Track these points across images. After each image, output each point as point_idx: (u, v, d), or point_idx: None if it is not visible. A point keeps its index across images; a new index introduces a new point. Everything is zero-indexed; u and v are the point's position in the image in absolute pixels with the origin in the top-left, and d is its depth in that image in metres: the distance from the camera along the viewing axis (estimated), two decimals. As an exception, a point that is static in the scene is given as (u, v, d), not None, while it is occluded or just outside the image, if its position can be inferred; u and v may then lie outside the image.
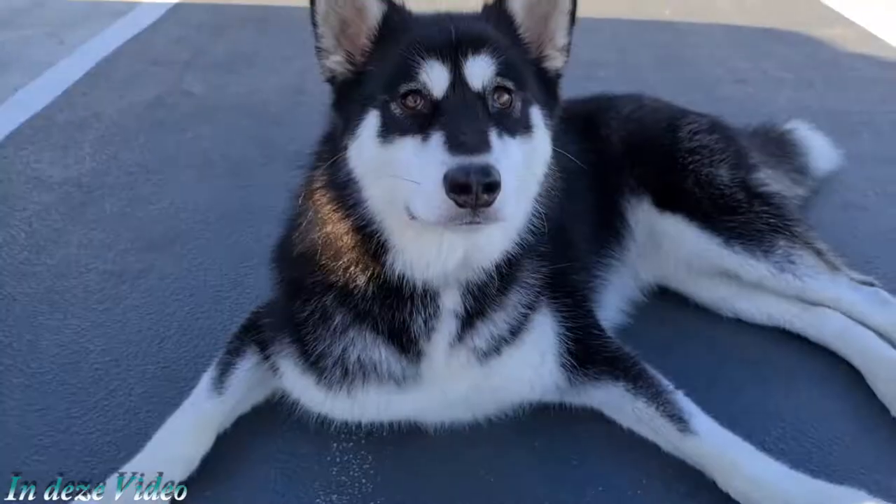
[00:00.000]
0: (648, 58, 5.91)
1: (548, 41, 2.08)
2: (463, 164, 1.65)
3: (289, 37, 6.23)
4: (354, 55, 1.99)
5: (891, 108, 4.98)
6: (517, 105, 1.91)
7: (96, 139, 4.46)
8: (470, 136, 1.71)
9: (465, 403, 2.31)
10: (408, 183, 1.77)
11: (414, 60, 1.83)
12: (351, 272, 2.06)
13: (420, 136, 1.79)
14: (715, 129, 3.03)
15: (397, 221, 1.93)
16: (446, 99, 1.82)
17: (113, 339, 2.86)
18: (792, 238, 2.78)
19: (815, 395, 2.60)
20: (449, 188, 1.65)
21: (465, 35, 1.88)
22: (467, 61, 1.84)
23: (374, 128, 1.85)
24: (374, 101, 1.86)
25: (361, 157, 1.89)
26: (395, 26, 1.96)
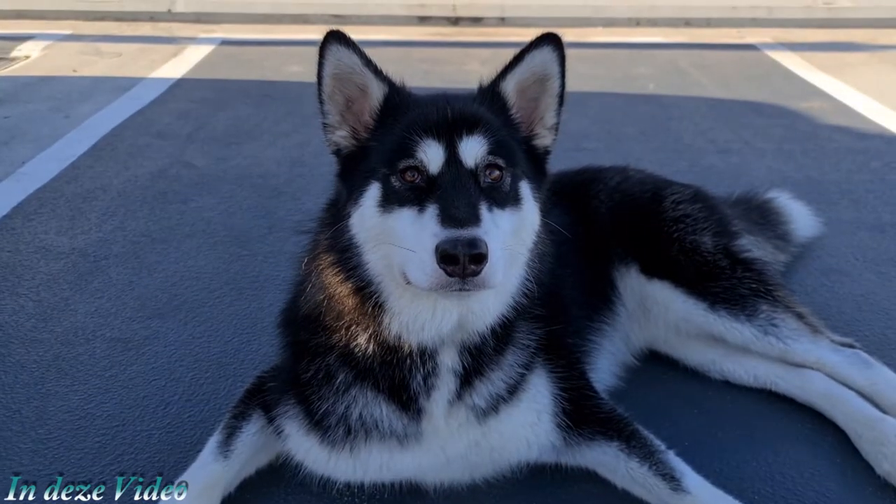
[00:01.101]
0: (634, 130, 6.13)
1: (538, 120, 2.23)
2: (451, 237, 1.80)
3: (288, 111, 6.46)
4: (358, 130, 2.14)
5: (867, 177, 5.17)
6: (507, 180, 2.06)
7: (102, 210, 4.59)
8: (461, 210, 1.86)
9: (464, 462, 2.37)
10: (404, 250, 1.92)
11: (412, 139, 1.99)
12: (352, 332, 2.17)
13: (417, 208, 1.94)
14: (698, 198, 3.18)
15: (394, 285, 2.06)
16: (441, 175, 1.97)
17: (119, 405, 2.93)
18: (774, 302, 2.90)
19: (803, 454, 2.69)
20: (439, 259, 1.80)
21: (459, 116, 2.04)
22: (461, 141, 2.00)
23: (375, 198, 2.00)
24: (376, 174, 2.01)
25: (363, 224, 2.03)
26: (395, 105, 2.12)
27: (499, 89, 2.18)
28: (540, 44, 2.13)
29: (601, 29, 9.81)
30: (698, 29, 9.85)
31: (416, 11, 10.11)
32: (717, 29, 9.78)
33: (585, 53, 8.48)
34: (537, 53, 2.14)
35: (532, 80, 2.17)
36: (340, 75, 2.08)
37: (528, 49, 2.14)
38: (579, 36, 9.36)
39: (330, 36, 2.05)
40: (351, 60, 2.06)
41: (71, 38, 8.93)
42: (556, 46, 2.14)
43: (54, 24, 9.42)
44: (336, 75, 2.09)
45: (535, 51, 2.13)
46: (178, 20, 9.84)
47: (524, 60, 2.14)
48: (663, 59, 8.36)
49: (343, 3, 10.22)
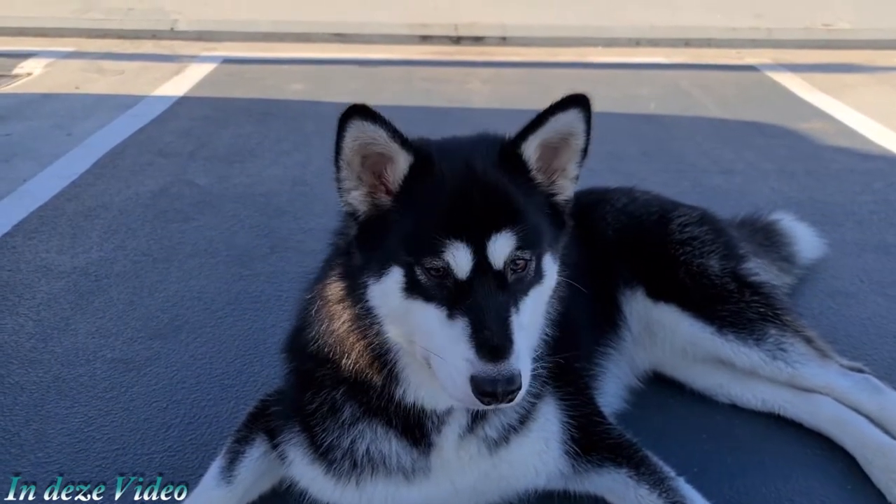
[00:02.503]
0: (636, 150, 6.13)
1: (559, 173, 2.13)
2: (490, 376, 1.77)
3: (290, 129, 6.47)
4: (378, 195, 2.00)
5: (871, 198, 5.17)
6: (531, 265, 1.98)
7: (103, 229, 4.57)
8: (495, 336, 1.80)
9: (472, 493, 2.34)
10: (432, 353, 1.88)
11: (440, 238, 1.86)
12: (365, 376, 2.11)
13: (445, 311, 1.87)
14: (705, 221, 3.16)
15: (413, 361, 2.03)
16: (471, 281, 1.87)
17: (119, 428, 2.90)
18: (782, 326, 2.88)
19: (813, 480, 2.66)
20: (475, 390, 1.78)
21: (488, 211, 1.92)
22: (490, 241, 1.88)
23: (398, 283, 1.91)
24: (399, 260, 1.91)
25: (385, 302, 1.96)
26: (420, 175, 1.97)
27: (520, 150, 2.04)
28: (566, 106, 2.00)
29: (602, 49, 9.84)
30: (699, 49, 9.88)
31: (418, 30, 10.16)
32: (718, 49, 9.82)
33: (586, 74, 8.53)
34: (562, 116, 2.01)
35: (556, 139, 2.06)
36: (362, 146, 1.93)
37: (554, 111, 2.00)
38: (580, 56, 9.42)
39: (353, 111, 1.87)
40: (376, 133, 1.90)
41: (73, 55, 8.95)
42: (583, 108, 2.02)
43: (57, 42, 9.44)
44: (357, 147, 1.94)
45: (561, 113, 2.01)
46: (180, 38, 9.86)
47: (549, 122, 2.01)
48: (664, 80, 8.39)
49: (345, 21, 10.27)
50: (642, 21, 10.54)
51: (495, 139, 2.13)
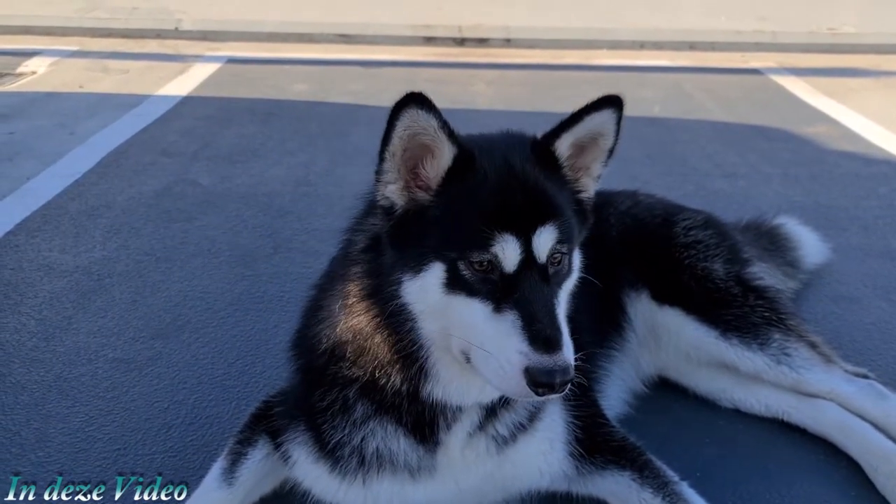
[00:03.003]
0: (639, 153, 6.11)
1: (584, 171, 2.15)
2: (547, 367, 1.78)
3: (294, 130, 6.47)
4: (417, 190, 1.99)
5: (875, 202, 5.16)
6: (566, 260, 2.01)
7: (106, 228, 4.57)
8: (547, 328, 1.83)
9: (476, 493, 2.33)
10: (475, 347, 1.88)
11: (488, 231, 1.87)
12: (381, 373, 2.10)
13: (491, 305, 1.87)
14: (709, 224, 3.15)
15: (448, 358, 2.02)
16: (518, 275, 1.88)
17: (121, 428, 2.89)
18: (787, 331, 2.86)
19: (816, 486, 2.65)
20: (530, 382, 1.79)
21: (532, 205, 1.94)
22: (535, 236, 1.90)
23: (439, 279, 1.91)
24: (441, 255, 1.90)
25: (423, 299, 1.95)
26: (462, 170, 1.96)
27: (554, 147, 2.07)
28: (601, 106, 2.02)
29: (606, 51, 9.83)
30: (703, 53, 9.87)
31: (422, 32, 10.16)
32: (722, 53, 9.80)
33: (590, 76, 8.52)
34: (597, 116, 2.03)
35: (587, 138, 2.08)
36: (411, 136, 1.93)
37: (589, 110, 2.02)
38: (584, 58, 9.41)
39: (410, 98, 1.86)
40: (427, 123, 1.90)
41: (77, 54, 8.95)
42: (616, 109, 2.04)
43: (61, 41, 9.45)
44: (407, 137, 1.93)
45: (596, 113, 2.02)
46: (184, 38, 9.87)
47: (583, 121, 2.03)
48: (668, 83, 8.38)
49: (349, 22, 10.28)
50: (646, 24, 10.54)
51: (522, 136, 2.15)
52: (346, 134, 6.31)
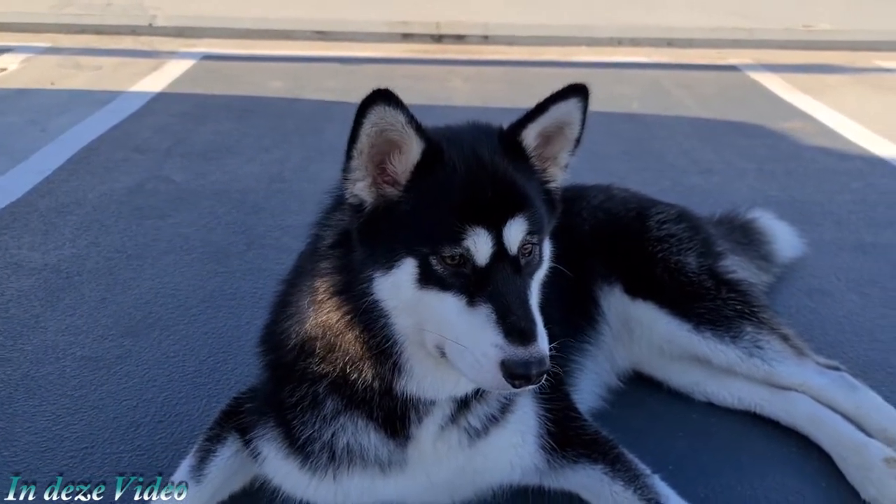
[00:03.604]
0: (617, 149, 6.12)
1: (551, 161, 2.15)
2: (523, 360, 1.78)
3: (270, 127, 6.41)
4: (385, 186, 1.97)
5: (849, 197, 5.19)
6: (537, 251, 2.01)
7: (76, 225, 4.50)
8: (521, 320, 1.82)
9: (447, 487, 2.32)
10: (450, 341, 1.87)
11: (459, 225, 1.86)
12: (352, 368, 2.07)
13: (464, 299, 1.86)
14: (682, 218, 3.15)
15: (422, 353, 2.00)
16: (490, 268, 1.88)
17: (88, 427, 2.84)
18: (759, 324, 2.87)
19: (788, 478, 2.65)
20: (507, 375, 1.79)
21: (501, 197, 1.93)
22: (506, 229, 1.90)
23: (411, 274, 1.89)
24: (413, 251, 1.89)
25: (396, 295, 1.93)
26: (430, 164, 1.95)
27: (521, 138, 2.06)
28: (567, 95, 2.02)
29: (584, 48, 9.85)
30: (681, 49, 9.91)
31: (399, 28, 10.12)
32: (699, 50, 9.85)
33: (568, 73, 8.48)
34: (563, 105, 2.03)
35: (553, 127, 2.08)
36: (378, 132, 1.91)
37: (554, 99, 2.02)
38: (562, 55, 9.42)
39: (377, 95, 1.84)
40: (394, 119, 1.88)
41: (50, 51, 8.84)
42: (582, 98, 2.04)
43: (33, 37, 9.34)
44: (374, 133, 1.91)
45: (561, 102, 2.02)
46: (159, 34, 9.77)
47: (549, 110, 2.02)
48: (646, 79, 8.41)
49: (326, 19, 10.22)
50: (625, 21, 10.58)
51: (489, 127, 2.14)
52: (322, 131, 6.27)
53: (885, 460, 2.50)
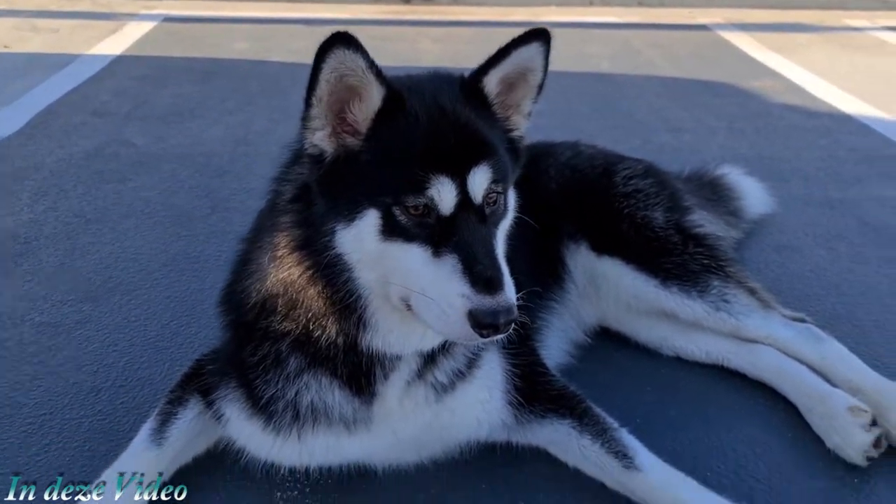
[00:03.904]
0: (587, 108, 6.09)
1: (514, 109, 2.11)
2: (490, 309, 1.75)
3: (233, 89, 6.28)
4: (345, 136, 1.92)
5: (817, 154, 5.21)
6: (501, 200, 1.98)
7: (34, 190, 4.38)
8: (487, 269, 1.79)
9: (414, 444, 2.30)
10: (416, 293, 1.83)
11: (423, 174, 1.82)
12: (315, 325, 2.03)
13: (429, 249, 1.83)
14: (649, 173, 3.13)
15: (387, 307, 1.96)
16: (455, 217, 1.85)
17: (47, 392, 2.78)
18: (726, 278, 2.86)
19: (755, 429, 2.66)
20: (475, 325, 1.76)
21: (465, 145, 1.89)
22: (470, 177, 1.86)
23: (374, 226, 1.85)
24: (375, 202, 1.85)
25: (359, 248, 1.89)
26: (392, 112, 1.90)
27: (482, 84, 2.02)
28: (528, 40, 1.98)
29: (555, 8, 9.76)
30: (651, 9, 9.88)
31: (368, -11, 9.91)
32: (670, 9, 9.81)
33: (539, 32, 8.41)
34: (524, 50, 1.99)
35: (515, 74, 2.04)
36: (338, 78, 1.84)
37: (516, 44, 1.98)
38: (533, 15, 9.31)
39: (336, 38, 1.78)
40: (354, 63, 1.81)
41: (4, 13, 8.55)
42: (544, 42, 2.00)
43: (-13, 0, 9.04)
44: (334, 80, 1.84)
45: (523, 47, 1.98)
46: (118, -5, 9.49)
47: (511, 56, 1.98)
48: (617, 39, 8.35)
49: (292, -20, 9.97)
50: (595, -19, 10.46)
51: (450, 76, 2.10)
52: (287, 93, 6.13)
53: (849, 409, 2.51)
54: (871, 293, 3.50)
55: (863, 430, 2.46)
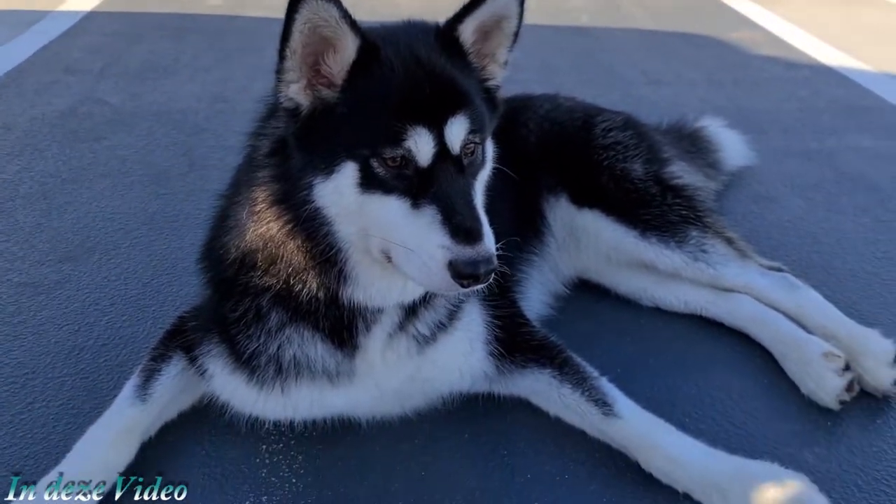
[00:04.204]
0: (566, 62, 6.06)
1: (490, 58, 2.10)
2: (470, 259, 1.77)
3: (208, 45, 6.19)
4: (321, 88, 1.90)
5: (796, 105, 5.24)
6: (479, 151, 1.98)
7: (7, 150, 4.31)
8: (467, 220, 1.81)
9: (397, 396, 2.34)
10: (396, 245, 1.84)
11: (399, 125, 1.82)
12: (296, 279, 2.04)
13: (408, 201, 1.84)
14: (628, 125, 3.13)
15: (367, 260, 1.97)
16: (433, 168, 1.85)
17: (29, 352, 2.78)
18: (704, 228, 2.89)
19: (731, 376, 2.72)
20: (455, 275, 1.78)
21: (441, 95, 1.88)
22: (447, 127, 1.86)
23: (352, 178, 1.85)
24: (353, 154, 1.84)
25: (338, 201, 1.89)
26: (367, 63, 1.89)
27: (457, 33, 2.01)
28: None
29: (534, -40, 9.59)
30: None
31: (344, -58, 9.71)
32: (650, -39, 9.68)
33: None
34: None
35: (490, 22, 2.03)
36: (312, 29, 1.82)
37: None
38: (512, -33, 9.16)
39: None
40: (328, 14, 1.79)
41: (-30, -32, 8.30)
42: None
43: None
44: (307, 31, 1.82)
45: None
46: (88, -50, 9.22)
47: (486, 3, 1.96)
48: (596, -8, 8.26)
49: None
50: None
51: (425, 24, 2.08)
52: (263, 49, 5.95)
53: (823, 355, 2.57)
54: (846, 241, 3.55)
55: (836, 375, 2.52)
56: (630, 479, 2.26)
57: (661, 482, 2.22)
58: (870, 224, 3.72)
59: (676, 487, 2.20)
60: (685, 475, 2.18)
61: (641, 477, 2.25)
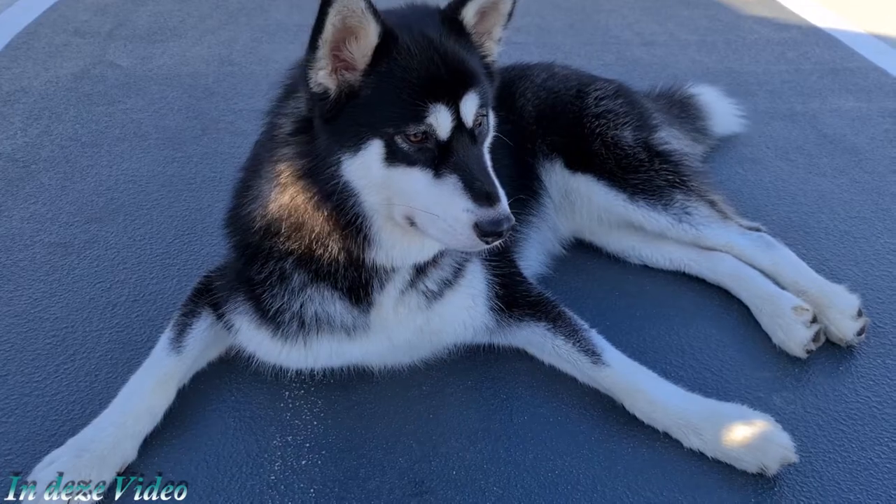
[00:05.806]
0: (563, 23, 6.18)
1: (487, 36, 2.33)
2: (494, 218, 2.01)
3: (214, 5, 6.29)
4: (346, 73, 2.08)
5: (784, 67, 5.40)
6: (486, 121, 2.22)
7: (26, 114, 4.48)
8: (485, 185, 2.05)
9: (407, 347, 2.58)
10: (421, 212, 2.07)
11: (422, 105, 2.04)
12: (318, 244, 2.26)
13: (431, 171, 2.06)
14: (619, 94, 3.32)
15: (390, 225, 2.20)
16: (452, 141, 2.08)
17: (66, 308, 3.00)
18: (688, 191, 3.12)
19: (711, 329, 2.97)
20: (481, 234, 2.02)
21: (455, 74, 2.11)
22: (462, 103, 2.09)
23: (378, 154, 2.07)
24: (378, 132, 2.05)
25: (365, 175, 2.10)
26: (387, 49, 2.06)
27: (461, 16, 2.23)
28: None
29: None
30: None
31: None
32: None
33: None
34: None
35: (488, 3, 2.25)
36: (342, 20, 2.00)
37: None
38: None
39: None
40: (356, 6, 1.96)
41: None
42: None
43: None
44: (338, 21, 1.99)
45: None
46: None
47: None
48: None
49: None
50: None
51: (428, 7, 2.29)
52: (267, 10, 6.18)
53: (793, 308, 2.81)
54: (822, 201, 3.77)
55: (804, 327, 2.77)
56: (615, 420, 2.52)
57: (643, 422, 2.48)
58: (846, 185, 3.93)
59: (657, 427, 2.46)
60: (665, 416, 2.44)
61: (626, 418, 2.51)
